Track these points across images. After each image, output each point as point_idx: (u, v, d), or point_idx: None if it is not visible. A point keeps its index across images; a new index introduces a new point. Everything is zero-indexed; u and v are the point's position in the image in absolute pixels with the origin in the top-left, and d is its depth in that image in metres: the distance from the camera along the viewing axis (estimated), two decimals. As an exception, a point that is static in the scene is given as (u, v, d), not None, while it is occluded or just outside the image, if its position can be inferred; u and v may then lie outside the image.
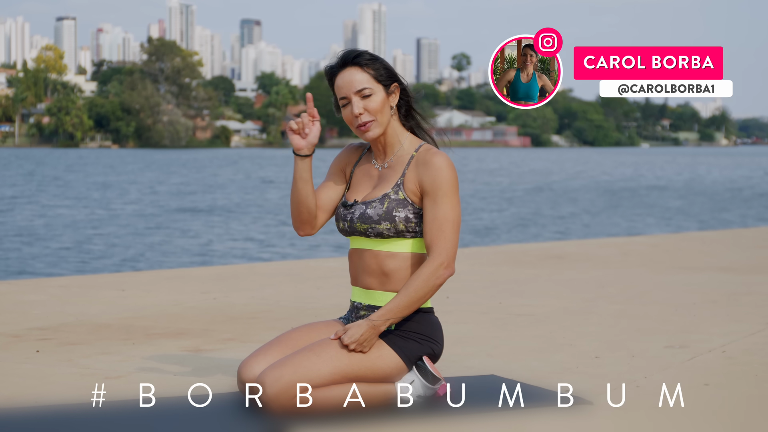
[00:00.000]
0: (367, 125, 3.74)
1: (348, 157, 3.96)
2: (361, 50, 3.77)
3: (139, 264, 19.05)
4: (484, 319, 5.84)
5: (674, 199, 39.53)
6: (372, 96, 3.74)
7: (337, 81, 3.78)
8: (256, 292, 6.93)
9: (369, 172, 3.87)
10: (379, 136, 3.78)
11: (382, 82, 3.76)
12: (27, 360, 4.67)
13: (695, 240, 11.36)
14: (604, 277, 7.75)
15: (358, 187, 3.87)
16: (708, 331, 5.45)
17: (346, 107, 3.76)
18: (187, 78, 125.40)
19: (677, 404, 3.84)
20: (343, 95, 3.75)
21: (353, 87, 3.73)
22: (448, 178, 3.69)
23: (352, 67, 3.75)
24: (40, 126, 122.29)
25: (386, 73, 3.77)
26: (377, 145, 3.83)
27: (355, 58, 3.75)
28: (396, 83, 3.79)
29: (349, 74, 3.75)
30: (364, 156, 3.94)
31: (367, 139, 3.77)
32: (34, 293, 6.86)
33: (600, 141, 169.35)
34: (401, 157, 3.80)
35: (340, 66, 3.78)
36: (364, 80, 3.74)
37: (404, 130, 3.84)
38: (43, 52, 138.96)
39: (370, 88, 3.73)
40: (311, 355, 3.60)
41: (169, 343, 5.10)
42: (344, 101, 3.76)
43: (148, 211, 31.41)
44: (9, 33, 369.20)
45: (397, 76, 3.79)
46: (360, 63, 3.75)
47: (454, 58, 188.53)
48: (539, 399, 3.86)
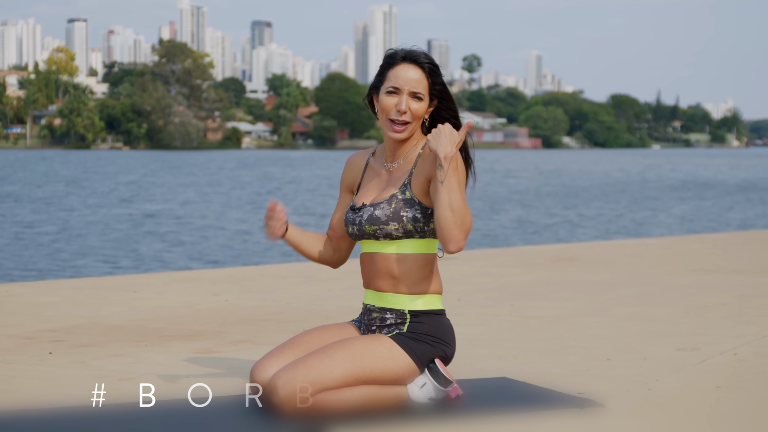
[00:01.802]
0: (403, 128, 3.78)
1: (353, 172, 4.00)
2: (430, 57, 3.83)
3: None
4: (495, 322, 5.84)
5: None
6: (421, 102, 3.79)
7: (397, 69, 3.80)
8: (268, 294, 6.94)
9: (378, 174, 3.90)
10: (404, 140, 3.81)
11: (431, 95, 3.81)
12: (40, 362, 4.69)
13: (707, 242, 11.34)
14: (616, 279, 7.74)
15: (366, 191, 3.89)
16: (720, 333, 5.45)
17: (391, 95, 3.79)
18: (198, 79, 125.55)
19: (689, 407, 3.84)
20: (396, 85, 3.78)
21: (411, 85, 3.77)
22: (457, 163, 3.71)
23: (417, 67, 3.79)
24: (52, 127, 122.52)
25: (440, 89, 3.82)
26: (392, 145, 3.85)
27: (425, 62, 3.80)
28: (436, 100, 3.83)
29: (414, 72, 3.78)
30: (371, 160, 3.96)
31: (392, 137, 3.79)
32: (46, 295, 6.88)
33: (611, 142, 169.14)
34: (410, 158, 3.83)
35: (406, 59, 3.81)
36: (422, 85, 3.78)
37: (422, 136, 3.87)
38: (54, 53, 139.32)
39: (423, 94, 3.78)
40: (323, 358, 3.61)
41: (181, 345, 5.11)
42: (394, 90, 3.79)
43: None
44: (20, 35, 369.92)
45: (449, 97, 3.84)
46: (425, 68, 3.80)
47: (465, 59, 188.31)
48: (550, 401, 3.86)
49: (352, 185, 3.99)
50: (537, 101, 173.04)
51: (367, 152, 4.02)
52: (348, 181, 4.01)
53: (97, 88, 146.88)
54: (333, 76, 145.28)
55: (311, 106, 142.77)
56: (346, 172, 4.02)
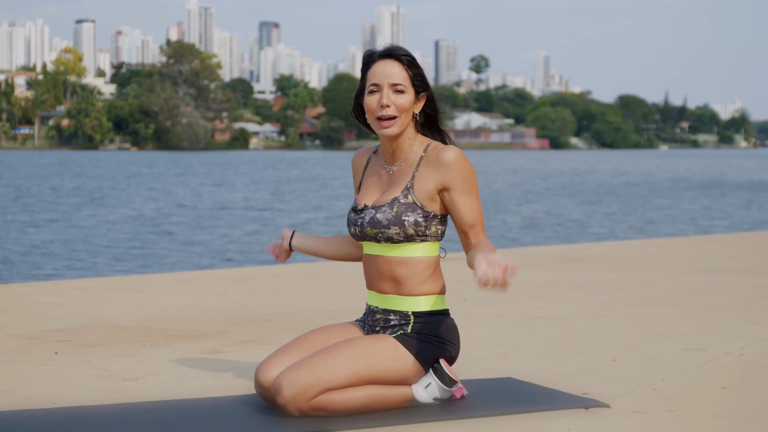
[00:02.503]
0: (391, 122, 3.76)
1: (356, 170, 4.02)
2: (407, 50, 3.82)
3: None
4: (501, 322, 5.84)
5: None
6: (403, 94, 3.77)
7: (374, 68, 3.80)
8: (274, 295, 6.94)
9: (379, 175, 3.89)
10: (395, 136, 3.79)
11: (415, 86, 3.80)
12: (45, 361, 4.69)
13: (713, 242, 11.32)
14: (622, 280, 7.73)
15: (368, 192, 3.88)
16: (726, 334, 5.44)
17: (373, 94, 3.79)
18: (205, 80, 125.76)
19: (695, 407, 3.83)
20: (376, 82, 3.78)
21: (390, 78, 3.76)
22: (467, 169, 3.72)
23: (394, 60, 3.79)
24: (60, 128, 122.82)
25: (421, 80, 3.81)
26: (388, 146, 3.84)
27: (399, 54, 3.78)
28: (423, 93, 3.81)
29: (390, 66, 3.78)
30: (372, 159, 3.96)
31: (383, 135, 3.78)
32: (52, 295, 6.88)
33: (619, 143, 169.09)
34: (411, 160, 3.81)
35: (383, 56, 3.80)
36: (401, 77, 3.77)
37: (416, 135, 3.85)
38: (62, 54, 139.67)
39: (404, 86, 3.77)
40: (328, 357, 3.60)
41: (186, 345, 5.12)
42: (374, 89, 3.78)
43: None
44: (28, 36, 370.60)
45: (429, 87, 3.83)
46: (402, 60, 3.78)
47: (473, 60, 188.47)
48: (556, 402, 3.85)
49: (357, 182, 4.00)
50: (545, 102, 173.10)
51: (369, 150, 4.02)
52: (356, 180, 4.01)
53: (105, 88, 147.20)
54: (340, 76, 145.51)
55: (319, 107, 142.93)
56: (353, 170, 4.03)
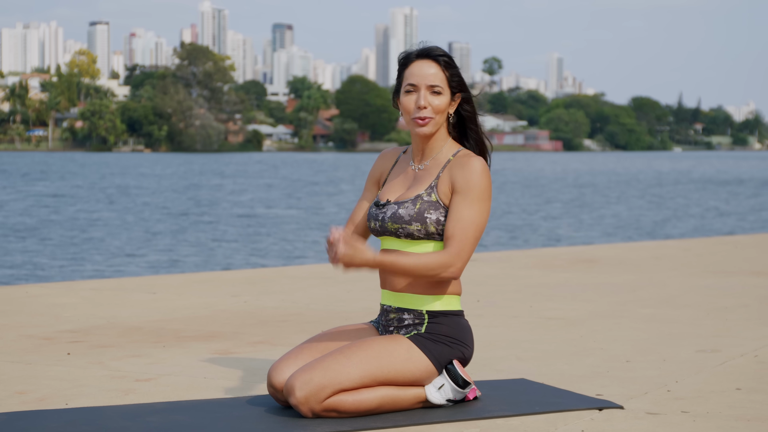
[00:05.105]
0: (426, 120, 3.77)
1: (383, 165, 3.99)
2: (444, 50, 3.81)
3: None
4: (514, 323, 5.82)
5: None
6: (440, 96, 3.77)
7: (411, 68, 3.80)
8: (287, 296, 6.94)
9: (405, 172, 3.89)
10: (429, 135, 3.79)
11: (452, 87, 3.80)
12: (58, 362, 4.69)
13: (727, 244, 11.29)
14: (636, 281, 7.71)
15: (391, 187, 3.88)
16: (740, 335, 5.42)
17: (410, 94, 3.79)
18: (219, 82, 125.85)
19: (708, 409, 3.81)
20: (413, 83, 3.78)
21: (428, 80, 3.76)
22: (482, 181, 3.71)
23: (432, 61, 3.79)
24: (74, 130, 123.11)
25: (458, 81, 3.81)
26: (419, 144, 3.83)
27: (438, 55, 3.78)
28: (459, 94, 3.81)
29: (428, 67, 3.78)
30: (402, 158, 3.95)
31: (418, 133, 3.78)
32: (65, 296, 6.89)
33: (632, 145, 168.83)
34: (439, 160, 3.81)
35: (420, 56, 3.80)
36: (439, 78, 3.77)
37: (448, 137, 3.84)
38: (76, 56, 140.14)
39: (441, 87, 3.77)
40: (341, 358, 3.60)
41: (199, 346, 5.11)
42: (411, 89, 3.78)
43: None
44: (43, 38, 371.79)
45: (466, 88, 3.83)
46: (440, 61, 3.78)
47: (486, 62, 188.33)
48: (570, 403, 3.84)
49: (381, 178, 3.98)
50: (558, 104, 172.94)
51: (400, 149, 4.02)
52: (377, 174, 3.99)
53: (118, 90, 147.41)
54: (354, 78, 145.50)
55: (332, 109, 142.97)
56: (377, 164, 4.00)
